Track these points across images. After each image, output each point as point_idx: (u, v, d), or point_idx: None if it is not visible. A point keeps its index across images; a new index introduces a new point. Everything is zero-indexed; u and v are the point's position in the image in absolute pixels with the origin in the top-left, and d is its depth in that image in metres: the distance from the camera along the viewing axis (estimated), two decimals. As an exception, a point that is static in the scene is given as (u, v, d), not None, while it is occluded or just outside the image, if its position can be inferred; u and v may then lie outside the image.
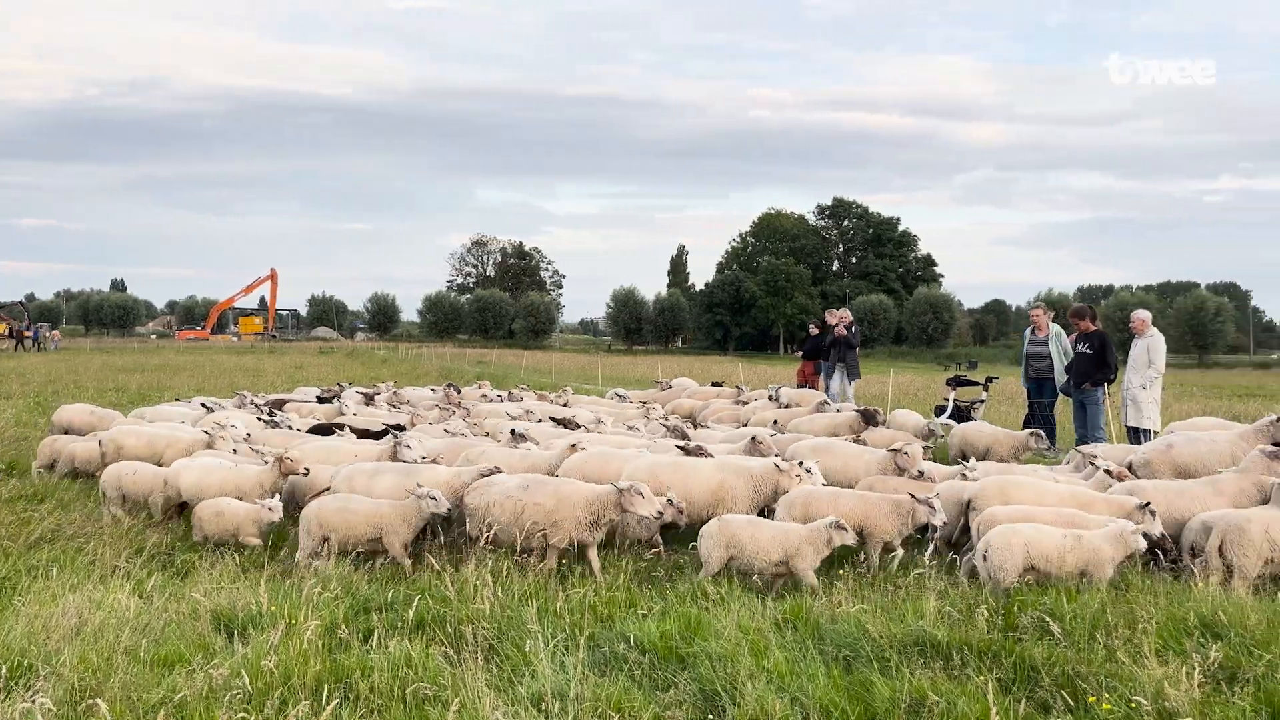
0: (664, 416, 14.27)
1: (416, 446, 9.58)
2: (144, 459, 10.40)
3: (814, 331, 19.68)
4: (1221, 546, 6.89)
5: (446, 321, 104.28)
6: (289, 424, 12.60)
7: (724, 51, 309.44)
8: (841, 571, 7.32)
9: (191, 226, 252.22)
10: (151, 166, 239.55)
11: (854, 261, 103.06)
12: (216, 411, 13.57)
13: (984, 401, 15.94)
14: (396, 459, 9.42)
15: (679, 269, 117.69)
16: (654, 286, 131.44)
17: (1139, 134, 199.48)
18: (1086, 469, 9.20)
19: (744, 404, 15.35)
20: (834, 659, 5.50)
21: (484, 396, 16.83)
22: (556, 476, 8.53)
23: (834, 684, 5.08)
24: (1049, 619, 5.84)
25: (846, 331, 17.30)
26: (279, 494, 8.97)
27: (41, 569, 7.34)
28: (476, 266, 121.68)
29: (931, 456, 11.00)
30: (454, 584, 6.60)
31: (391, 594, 6.63)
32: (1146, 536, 6.91)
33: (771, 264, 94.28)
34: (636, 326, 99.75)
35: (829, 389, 17.33)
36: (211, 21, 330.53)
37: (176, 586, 6.90)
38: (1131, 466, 9.30)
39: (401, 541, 7.74)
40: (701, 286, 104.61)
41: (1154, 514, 7.28)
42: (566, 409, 14.72)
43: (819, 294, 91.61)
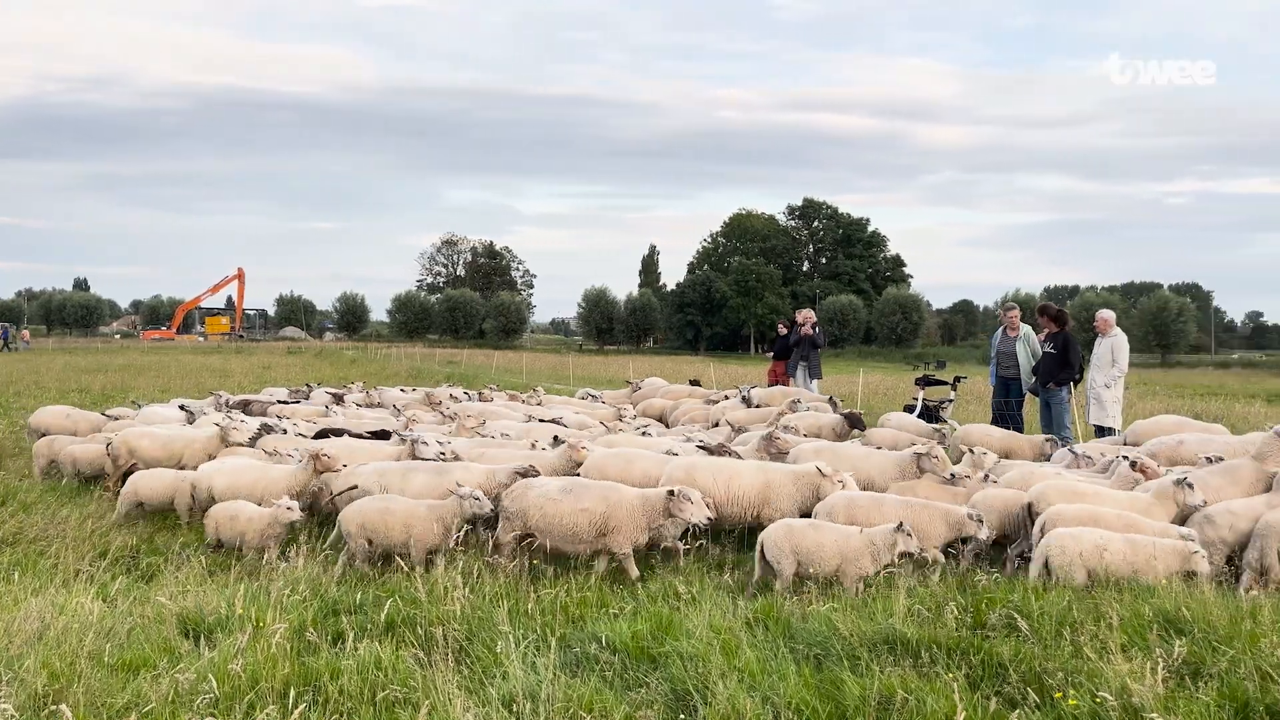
0: (633, 418, 14.25)
1: (434, 445, 9.40)
2: (160, 462, 10.16)
3: (782, 331, 19.82)
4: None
5: (416, 321, 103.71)
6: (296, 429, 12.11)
7: (692, 52, 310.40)
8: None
9: (156, 225, 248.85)
10: (114, 164, 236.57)
11: (824, 262, 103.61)
12: (210, 414, 13.27)
13: (952, 401, 16.08)
14: (415, 458, 9.20)
15: (650, 269, 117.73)
16: (625, 286, 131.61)
17: (1101, 136, 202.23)
18: (1111, 467, 9.06)
19: (713, 403, 15.38)
20: (805, 657, 5.52)
21: (452, 397, 16.70)
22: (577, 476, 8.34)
23: (805, 682, 5.10)
24: (1017, 616, 5.90)
25: (812, 331, 17.58)
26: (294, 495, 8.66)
27: (2, 573, 7.22)
28: (446, 266, 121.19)
29: None
30: (424, 585, 6.56)
31: (361, 596, 6.58)
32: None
33: (742, 264, 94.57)
34: (608, 326, 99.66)
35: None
36: (174, 18, 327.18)
37: (141, 590, 6.81)
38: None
39: (429, 545, 7.50)
40: (673, 286, 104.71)
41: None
42: (541, 408, 14.66)
43: (789, 294, 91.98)
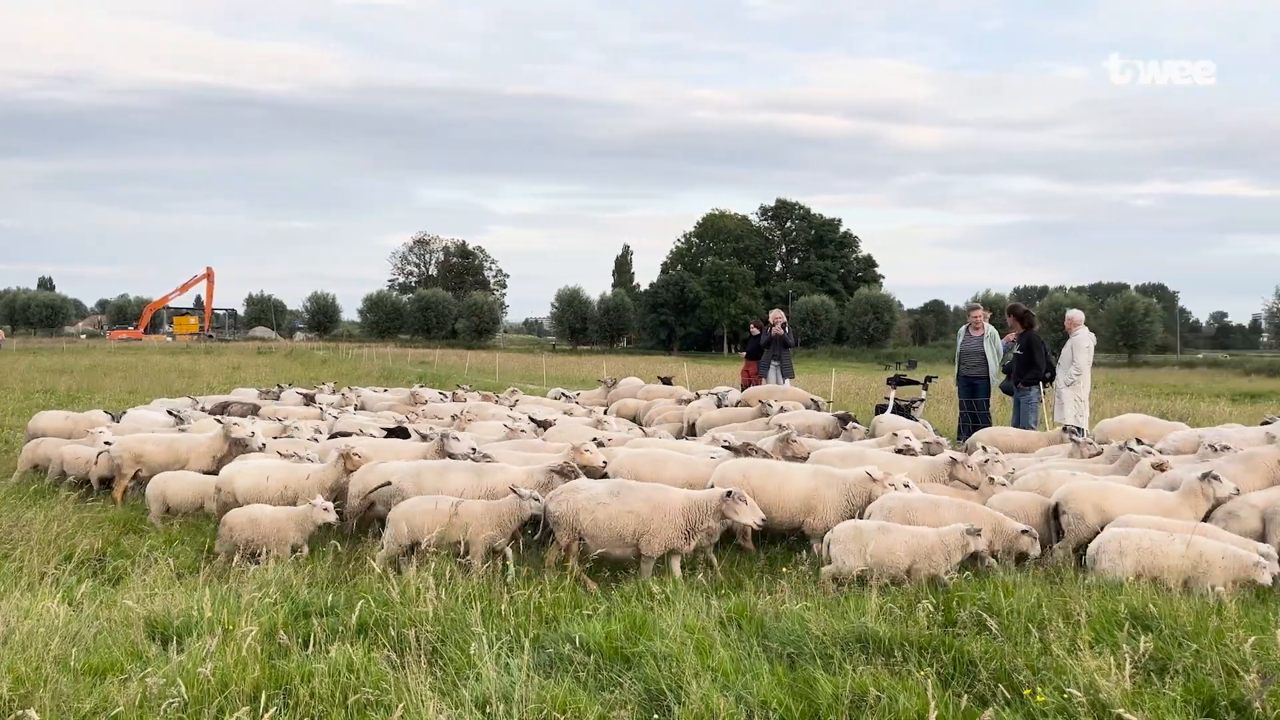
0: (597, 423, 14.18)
1: (465, 442, 9.30)
2: (167, 467, 9.99)
3: (755, 331, 19.93)
4: None
5: (388, 321, 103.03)
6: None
7: (668, 52, 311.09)
8: (785, 569, 7.39)
9: (124, 224, 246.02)
10: (81, 162, 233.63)
11: (796, 262, 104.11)
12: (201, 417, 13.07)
13: (924, 400, 16.20)
14: (444, 456, 9.10)
15: (624, 269, 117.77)
16: (599, 286, 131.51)
17: (1072, 139, 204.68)
18: (1120, 459, 9.14)
19: (686, 403, 15.40)
20: (778, 656, 5.54)
21: (413, 397, 16.48)
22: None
23: (778, 681, 5.12)
24: (986, 614, 5.95)
25: (783, 331, 17.80)
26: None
27: (-35, 577, 7.09)
28: (418, 265, 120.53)
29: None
30: (397, 587, 6.52)
31: (333, 598, 6.53)
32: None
33: (715, 264, 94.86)
34: (581, 326, 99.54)
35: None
36: (144, 15, 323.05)
37: (108, 594, 6.72)
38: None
39: (489, 544, 7.44)
40: (646, 286, 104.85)
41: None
42: (538, 409, 14.59)
43: (762, 294, 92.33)
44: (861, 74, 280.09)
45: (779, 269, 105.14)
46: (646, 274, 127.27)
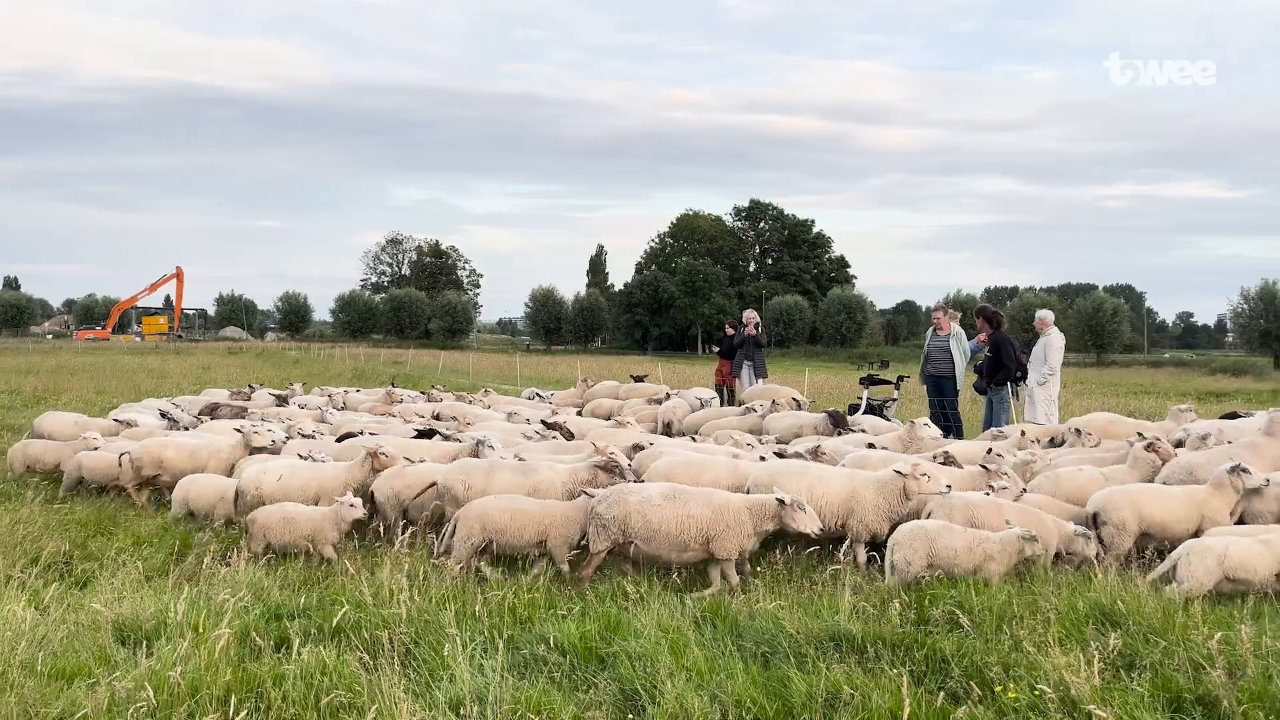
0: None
1: (500, 445, 9.27)
2: (188, 472, 9.86)
3: (729, 331, 20.00)
4: None
5: (360, 321, 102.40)
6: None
7: (643, 52, 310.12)
8: (759, 569, 7.42)
9: (92, 222, 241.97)
10: (48, 160, 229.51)
11: (770, 263, 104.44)
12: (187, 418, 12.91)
13: (896, 400, 16.34)
14: (477, 457, 9.02)
15: (598, 269, 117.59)
16: (573, 286, 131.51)
17: (1043, 140, 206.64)
18: (1124, 451, 9.11)
19: (658, 403, 15.40)
20: (752, 655, 5.57)
21: (389, 396, 16.39)
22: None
23: (752, 680, 5.14)
24: (959, 611, 6.00)
25: (756, 331, 17.98)
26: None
27: (-72, 581, 6.97)
28: (391, 265, 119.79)
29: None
30: (370, 588, 6.48)
31: (305, 600, 6.48)
32: None
33: (689, 265, 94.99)
34: (555, 326, 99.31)
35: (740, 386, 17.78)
36: (114, 10, 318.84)
37: (75, 597, 6.63)
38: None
39: (570, 546, 7.38)
40: (620, 287, 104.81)
41: None
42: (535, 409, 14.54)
43: (736, 295, 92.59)
44: (836, 75, 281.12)
45: (753, 269, 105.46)
46: (621, 274, 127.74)
